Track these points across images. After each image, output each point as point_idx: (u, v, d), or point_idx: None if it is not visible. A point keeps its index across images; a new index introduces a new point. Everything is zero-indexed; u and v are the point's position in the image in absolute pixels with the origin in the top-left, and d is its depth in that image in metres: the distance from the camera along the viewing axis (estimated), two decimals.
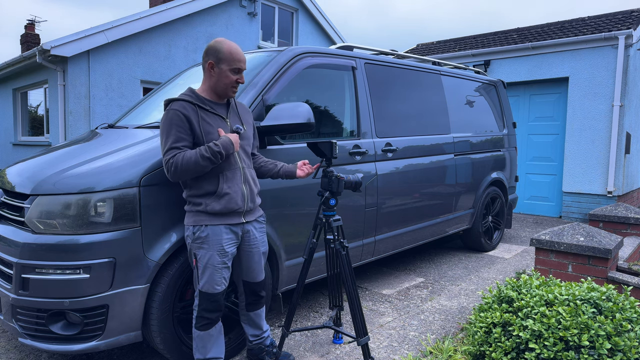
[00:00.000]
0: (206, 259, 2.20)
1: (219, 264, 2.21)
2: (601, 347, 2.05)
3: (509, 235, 6.19)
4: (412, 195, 4.00)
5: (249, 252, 2.39)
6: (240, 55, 2.23)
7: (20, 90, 9.61)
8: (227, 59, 2.20)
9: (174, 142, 2.12)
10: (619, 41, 6.85)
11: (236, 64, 2.22)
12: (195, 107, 2.18)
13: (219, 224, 2.22)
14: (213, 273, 2.21)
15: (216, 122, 2.24)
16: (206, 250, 2.20)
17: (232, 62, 2.21)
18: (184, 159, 2.08)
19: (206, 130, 2.18)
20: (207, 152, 2.09)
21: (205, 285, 2.21)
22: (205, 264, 2.20)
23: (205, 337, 2.27)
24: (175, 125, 2.13)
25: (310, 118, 2.62)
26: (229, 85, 2.24)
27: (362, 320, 2.45)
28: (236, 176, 2.25)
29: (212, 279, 2.21)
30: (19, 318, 2.26)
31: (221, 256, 2.22)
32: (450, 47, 9.64)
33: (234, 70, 2.23)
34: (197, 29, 8.81)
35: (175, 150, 2.11)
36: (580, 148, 7.32)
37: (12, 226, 2.41)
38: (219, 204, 2.20)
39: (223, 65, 2.21)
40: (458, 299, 3.74)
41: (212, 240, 2.20)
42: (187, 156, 2.08)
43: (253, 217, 2.38)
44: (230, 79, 2.23)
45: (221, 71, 2.22)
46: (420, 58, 5.00)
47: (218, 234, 2.21)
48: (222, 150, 2.12)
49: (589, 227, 3.39)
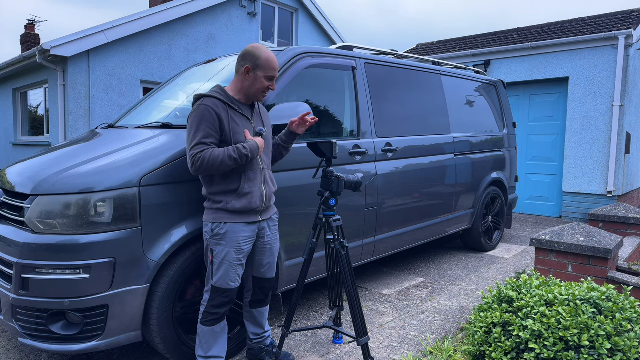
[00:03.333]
0: (223, 255, 2.25)
1: (234, 260, 2.27)
2: (601, 347, 2.05)
3: (509, 235, 6.19)
4: (412, 195, 4.00)
5: (262, 248, 2.45)
6: (276, 64, 2.33)
7: (20, 90, 9.61)
8: (264, 67, 2.29)
9: (203, 138, 2.17)
10: (619, 41, 6.85)
11: (272, 72, 2.31)
12: (225, 106, 2.25)
13: (238, 222, 2.27)
14: (228, 269, 2.26)
15: (243, 123, 2.30)
16: (223, 247, 2.25)
17: (268, 70, 2.30)
18: (212, 156, 2.13)
19: (234, 130, 2.24)
20: (235, 153, 2.16)
21: (219, 281, 2.26)
22: (221, 260, 2.25)
23: (209, 333, 2.30)
24: (205, 121, 2.18)
25: None
26: (260, 90, 2.33)
27: (362, 320, 2.45)
28: (257, 177, 2.32)
29: (227, 275, 2.27)
30: (19, 318, 2.26)
31: (237, 253, 2.28)
32: (450, 47, 9.64)
33: (268, 78, 2.32)
34: (197, 29, 8.80)
35: (204, 146, 2.16)
36: (580, 148, 7.32)
37: (12, 226, 2.41)
38: (240, 202, 2.25)
39: (259, 72, 2.29)
40: (458, 299, 3.74)
41: (230, 237, 2.25)
42: (215, 154, 2.14)
43: (268, 215, 2.45)
44: (263, 85, 2.32)
45: (256, 77, 2.29)
46: (420, 58, 5.00)
47: (236, 231, 2.27)
48: (249, 154, 2.20)
49: (589, 227, 3.39)
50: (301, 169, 3.02)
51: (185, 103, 3.22)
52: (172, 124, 2.82)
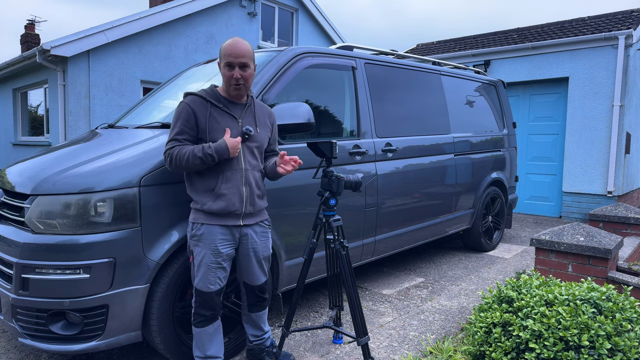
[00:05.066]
0: (200, 257, 2.22)
1: (212, 263, 2.22)
2: (601, 347, 2.05)
3: (509, 235, 6.19)
4: (412, 195, 4.00)
5: (247, 255, 2.37)
6: (233, 49, 2.16)
7: (20, 90, 9.61)
8: (222, 55, 2.22)
9: (176, 134, 2.18)
10: (619, 41, 6.84)
11: (228, 58, 2.17)
12: (207, 103, 2.22)
13: (214, 224, 2.23)
14: (207, 272, 2.22)
15: (225, 121, 2.24)
16: (201, 249, 2.22)
17: (224, 58, 2.20)
18: (179, 153, 2.14)
19: (212, 127, 2.20)
20: (200, 152, 2.13)
21: (199, 283, 2.24)
22: (199, 262, 2.22)
23: (202, 334, 2.28)
24: (181, 118, 2.19)
25: (310, 118, 2.62)
26: (228, 82, 2.23)
27: (362, 320, 2.45)
28: (236, 177, 2.24)
29: (205, 278, 2.22)
30: (19, 318, 2.26)
31: (215, 256, 2.22)
32: (450, 47, 9.63)
33: (227, 65, 2.19)
34: (197, 29, 8.80)
35: (176, 142, 2.17)
36: (580, 148, 7.32)
37: (12, 226, 2.41)
38: (215, 204, 2.20)
39: (221, 62, 2.23)
40: (458, 299, 3.74)
41: (206, 239, 2.22)
42: (183, 151, 2.14)
43: (253, 221, 2.34)
44: (226, 75, 2.22)
45: (220, 69, 2.24)
46: (420, 58, 5.00)
47: (212, 233, 2.22)
48: (214, 154, 2.13)
49: (589, 227, 3.39)
50: (301, 169, 3.02)
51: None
52: None
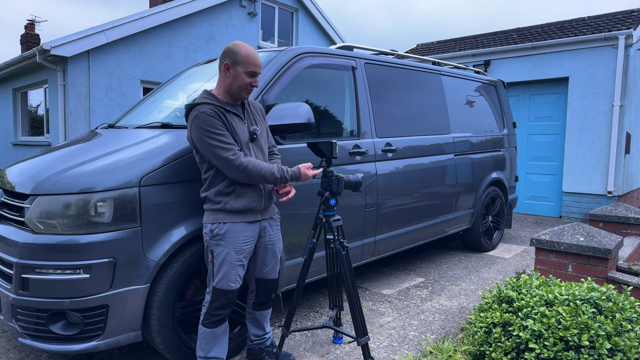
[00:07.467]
0: (223, 255, 2.24)
1: (235, 261, 2.26)
2: (601, 347, 2.05)
3: (509, 235, 6.19)
4: (412, 195, 4.00)
5: (264, 248, 2.44)
6: (257, 60, 2.26)
7: (20, 90, 9.61)
8: (244, 62, 2.23)
9: (228, 143, 2.15)
10: (619, 41, 6.84)
11: (252, 67, 2.24)
12: (221, 109, 2.22)
13: (237, 222, 2.26)
14: (229, 270, 2.25)
15: (236, 123, 2.26)
16: (223, 247, 2.24)
17: (248, 66, 2.23)
18: (256, 167, 2.18)
19: (234, 129, 2.22)
20: (278, 174, 2.23)
21: (220, 282, 2.25)
22: (221, 261, 2.24)
23: (210, 335, 2.29)
24: (217, 126, 2.14)
25: (310, 118, 2.62)
26: (242, 87, 2.26)
27: (362, 320, 2.45)
28: None
29: (227, 276, 2.25)
30: (19, 318, 2.26)
31: (237, 253, 2.26)
32: (450, 47, 9.63)
33: (249, 74, 2.24)
34: (197, 29, 8.81)
35: (234, 148, 2.16)
36: (580, 148, 7.32)
37: (12, 226, 2.41)
38: (239, 202, 2.25)
39: (239, 68, 2.23)
40: (458, 299, 3.74)
41: (229, 237, 2.24)
42: (259, 166, 2.19)
43: (269, 215, 2.44)
44: (245, 82, 2.25)
45: (237, 73, 2.23)
46: (420, 58, 5.00)
47: (236, 231, 2.25)
48: (288, 179, 2.30)
49: (589, 227, 3.39)
50: None
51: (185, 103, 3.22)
52: (172, 124, 2.81)
